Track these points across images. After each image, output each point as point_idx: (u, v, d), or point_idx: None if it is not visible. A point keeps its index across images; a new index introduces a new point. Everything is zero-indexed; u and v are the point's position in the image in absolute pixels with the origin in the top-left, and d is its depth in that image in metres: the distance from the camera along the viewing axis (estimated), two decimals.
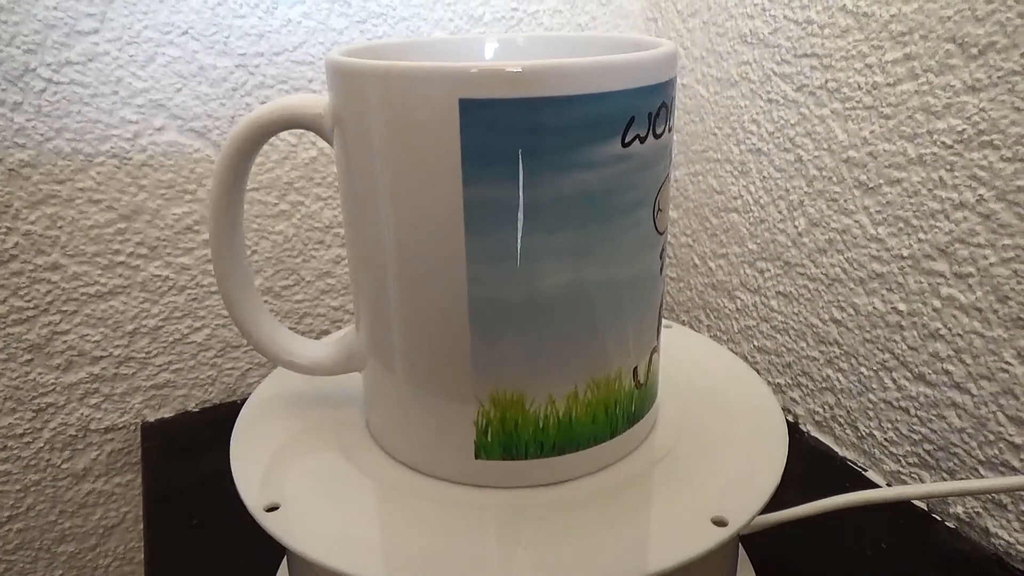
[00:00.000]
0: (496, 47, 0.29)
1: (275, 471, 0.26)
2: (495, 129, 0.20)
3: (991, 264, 0.35)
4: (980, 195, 0.34)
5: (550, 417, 0.24)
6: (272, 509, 0.24)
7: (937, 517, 0.39)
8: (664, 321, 0.33)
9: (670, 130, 0.23)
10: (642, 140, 0.22)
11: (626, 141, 0.21)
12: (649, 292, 0.25)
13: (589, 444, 0.25)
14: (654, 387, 0.27)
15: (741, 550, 0.31)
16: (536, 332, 0.23)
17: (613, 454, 0.26)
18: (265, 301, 0.49)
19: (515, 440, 0.24)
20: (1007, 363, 0.35)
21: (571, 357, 0.23)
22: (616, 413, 0.25)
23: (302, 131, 0.47)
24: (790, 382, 0.48)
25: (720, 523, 0.22)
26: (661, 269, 0.25)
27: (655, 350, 0.26)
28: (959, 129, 0.35)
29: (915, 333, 0.39)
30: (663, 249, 0.25)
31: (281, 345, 0.28)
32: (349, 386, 0.30)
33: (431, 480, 0.25)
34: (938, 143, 0.36)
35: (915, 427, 0.40)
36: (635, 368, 0.25)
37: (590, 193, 0.21)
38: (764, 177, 0.46)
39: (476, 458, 0.24)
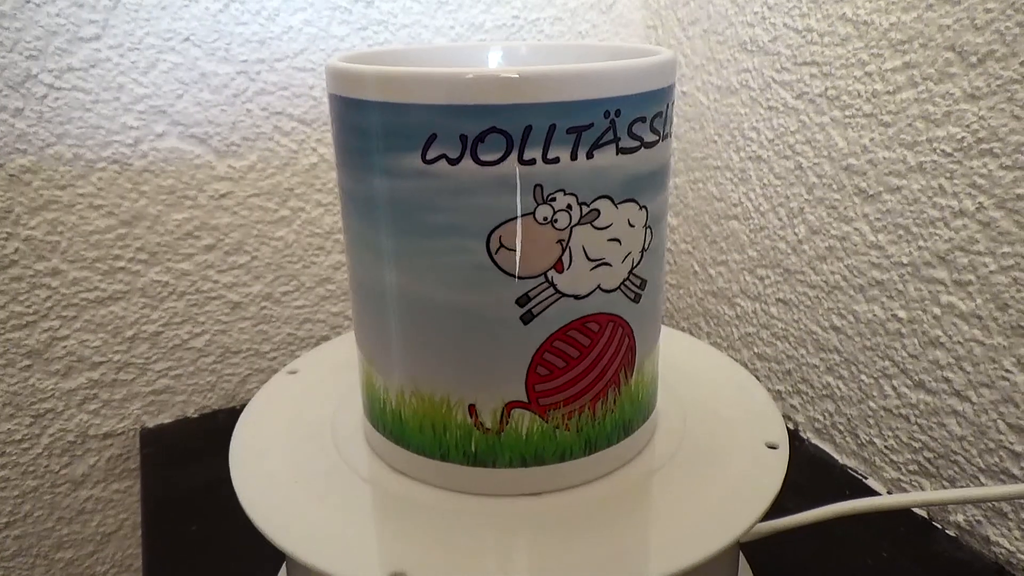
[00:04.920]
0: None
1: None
2: (342, 123, 0.23)
3: (991, 272, 0.35)
4: (980, 203, 0.35)
5: (387, 403, 0.25)
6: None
7: (937, 525, 0.39)
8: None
9: (531, 162, 0.21)
10: (453, 162, 0.21)
11: (427, 158, 0.21)
12: (492, 334, 0.23)
13: (418, 451, 0.25)
14: (529, 442, 0.24)
15: (741, 558, 0.31)
16: (367, 317, 0.25)
17: (439, 477, 0.25)
18: (264, 307, 0.49)
19: (374, 408, 0.26)
20: (1007, 371, 0.35)
21: (388, 356, 0.25)
22: (447, 440, 0.24)
23: (303, 137, 0.47)
24: (790, 389, 0.48)
25: None
26: (529, 319, 0.22)
27: (530, 407, 0.24)
28: (959, 137, 0.35)
29: (915, 340, 0.39)
30: (537, 298, 0.22)
31: None
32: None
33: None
34: (938, 151, 0.36)
35: (915, 435, 0.40)
36: (471, 406, 0.23)
37: (394, 201, 0.22)
38: (764, 184, 0.46)
39: (365, 414, 0.27)
